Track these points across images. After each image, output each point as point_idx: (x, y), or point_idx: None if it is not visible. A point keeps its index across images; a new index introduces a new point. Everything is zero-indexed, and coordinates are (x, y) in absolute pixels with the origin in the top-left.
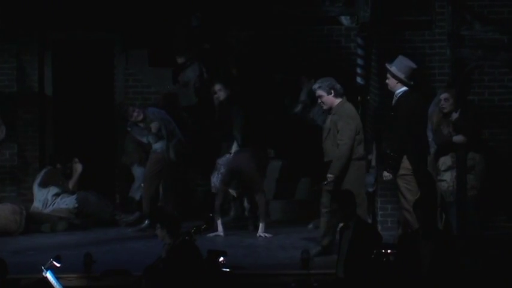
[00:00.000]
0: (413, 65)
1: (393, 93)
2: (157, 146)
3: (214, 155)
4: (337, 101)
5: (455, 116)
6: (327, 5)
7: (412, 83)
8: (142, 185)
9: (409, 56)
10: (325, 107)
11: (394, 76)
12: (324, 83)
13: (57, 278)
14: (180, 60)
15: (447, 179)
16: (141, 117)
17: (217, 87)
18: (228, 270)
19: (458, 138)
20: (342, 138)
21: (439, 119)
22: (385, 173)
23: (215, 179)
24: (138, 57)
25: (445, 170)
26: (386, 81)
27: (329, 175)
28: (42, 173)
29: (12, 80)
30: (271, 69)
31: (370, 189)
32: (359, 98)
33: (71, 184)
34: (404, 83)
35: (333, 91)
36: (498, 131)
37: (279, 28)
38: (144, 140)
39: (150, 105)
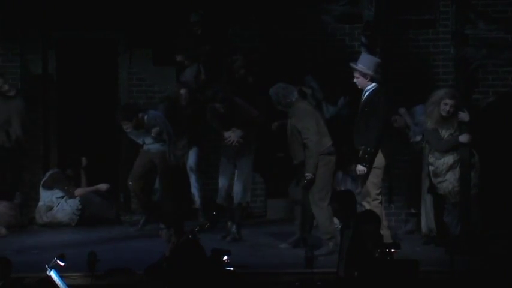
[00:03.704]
0: (378, 60)
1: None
2: (152, 146)
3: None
4: (284, 108)
5: (462, 115)
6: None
7: (378, 76)
8: (130, 182)
9: (413, 54)
10: None
11: (364, 74)
12: (272, 95)
13: (61, 277)
14: (178, 58)
15: (450, 179)
16: (129, 129)
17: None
18: (232, 269)
19: (464, 137)
20: (306, 136)
21: (435, 122)
22: (360, 167)
23: None
24: (142, 56)
25: (447, 170)
26: (355, 80)
27: (307, 174)
28: (47, 174)
29: (16, 78)
30: (275, 69)
31: None
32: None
33: (77, 192)
34: (374, 79)
35: (277, 103)
36: (502, 129)
37: (283, 27)
38: (140, 141)
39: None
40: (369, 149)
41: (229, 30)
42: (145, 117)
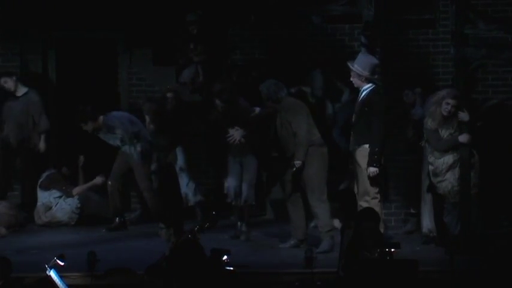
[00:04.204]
0: (376, 61)
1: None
2: (126, 147)
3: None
4: (275, 104)
5: (462, 115)
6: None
7: (376, 77)
8: (109, 182)
9: (413, 54)
10: None
11: (359, 75)
12: (263, 90)
13: (61, 277)
14: (176, 57)
15: (450, 179)
16: (90, 131)
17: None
18: (231, 268)
19: (464, 137)
20: (296, 125)
21: (437, 122)
22: (372, 169)
23: None
24: (141, 56)
25: (447, 170)
26: (351, 79)
27: (296, 161)
28: (44, 175)
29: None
30: (275, 70)
31: None
32: None
33: (75, 191)
34: (370, 80)
35: (267, 98)
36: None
37: (283, 27)
38: (113, 143)
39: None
40: (376, 149)
41: (228, 30)
42: (103, 118)
